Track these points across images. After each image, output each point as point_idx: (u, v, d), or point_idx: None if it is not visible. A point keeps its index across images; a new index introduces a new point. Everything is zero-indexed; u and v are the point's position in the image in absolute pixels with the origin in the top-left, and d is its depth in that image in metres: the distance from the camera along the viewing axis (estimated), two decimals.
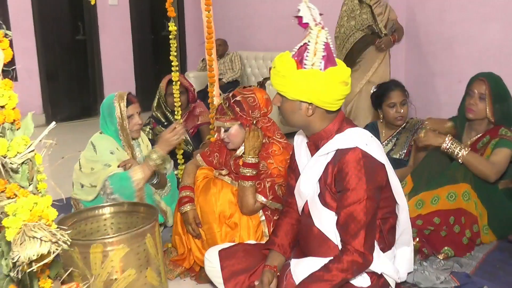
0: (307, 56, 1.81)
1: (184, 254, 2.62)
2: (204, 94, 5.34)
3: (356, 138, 1.89)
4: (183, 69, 8.14)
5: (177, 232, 2.64)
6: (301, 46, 1.84)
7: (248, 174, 2.40)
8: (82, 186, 2.81)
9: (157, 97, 4.11)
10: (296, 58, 1.84)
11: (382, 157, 1.89)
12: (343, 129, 1.93)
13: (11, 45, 1.26)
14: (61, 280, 1.43)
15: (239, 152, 2.53)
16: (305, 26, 1.83)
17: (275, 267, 2.05)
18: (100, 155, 2.78)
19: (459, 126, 2.96)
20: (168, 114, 3.99)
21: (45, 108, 7.16)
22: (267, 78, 6.16)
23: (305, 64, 1.81)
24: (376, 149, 1.89)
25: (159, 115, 4.10)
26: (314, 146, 2.00)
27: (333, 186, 1.90)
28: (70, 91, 7.43)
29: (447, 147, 2.74)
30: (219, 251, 2.21)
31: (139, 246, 2.06)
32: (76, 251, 1.98)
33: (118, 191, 2.67)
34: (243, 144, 2.49)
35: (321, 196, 1.95)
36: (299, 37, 1.88)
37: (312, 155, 2.01)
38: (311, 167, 1.98)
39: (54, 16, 7.12)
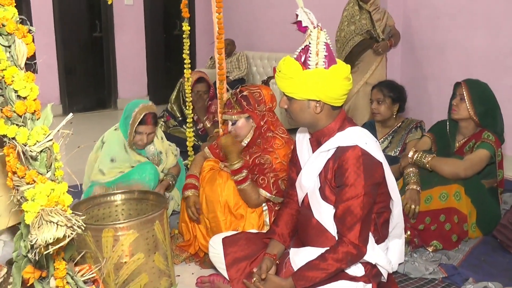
0: (310, 57, 1.80)
1: (190, 240, 2.61)
2: None
3: (356, 136, 1.87)
4: (192, 67, 8.10)
5: (184, 220, 2.63)
6: (302, 48, 1.83)
7: (240, 179, 2.39)
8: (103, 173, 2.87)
9: (176, 89, 4.02)
10: (299, 60, 1.82)
11: (380, 155, 1.88)
12: (344, 127, 1.91)
13: (33, 41, 1.25)
14: (75, 261, 1.42)
15: (243, 143, 2.51)
16: (304, 30, 1.82)
17: (275, 255, 2.04)
18: (103, 155, 2.89)
19: (450, 129, 2.95)
20: (185, 109, 3.95)
21: (63, 100, 7.17)
22: (271, 77, 6.13)
23: (309, 65, 1.80)
24: (374, 147, 1.87)
25: (175, 108, 4.02)
26: (316, 142, 1.98)
27: (333, 181, 1.89)
28: (86, 85, 7.43)
29: (414, 159, 2.78)
30: (223, 239, 2.20)
31: (148, 232, 2.05)
32: (89, 235, 1.98)
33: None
34: (247, 137, 2.48)
35: (321, 190, 1.94)
36: (301, 40, 1.86)
37: (313, 150, 1.99)
38: (313, 162, 1.96)
39: (73, 14, 7.13)
